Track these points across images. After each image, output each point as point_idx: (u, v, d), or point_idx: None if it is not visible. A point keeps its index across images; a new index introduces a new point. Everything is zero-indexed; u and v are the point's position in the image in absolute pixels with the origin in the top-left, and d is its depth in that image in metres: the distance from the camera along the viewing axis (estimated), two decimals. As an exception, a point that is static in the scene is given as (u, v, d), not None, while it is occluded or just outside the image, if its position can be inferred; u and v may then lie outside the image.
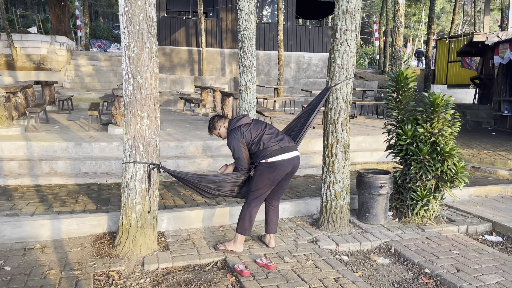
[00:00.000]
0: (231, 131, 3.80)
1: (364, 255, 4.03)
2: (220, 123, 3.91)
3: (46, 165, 5.87)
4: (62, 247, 3.87)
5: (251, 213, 3.83)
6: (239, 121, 3.83)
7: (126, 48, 3.48)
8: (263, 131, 3.80)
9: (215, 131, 3.94)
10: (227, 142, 3.81)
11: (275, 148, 3.73)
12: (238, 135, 3.75)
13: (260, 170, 3.73)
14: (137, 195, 3.68)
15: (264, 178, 3.74)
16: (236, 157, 3.78)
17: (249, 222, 3.83)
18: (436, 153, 4.51)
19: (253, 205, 3.83)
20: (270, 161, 3.71)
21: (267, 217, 4.01)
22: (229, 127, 3.86)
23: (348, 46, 4.20)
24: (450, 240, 4.29)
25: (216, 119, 3.93)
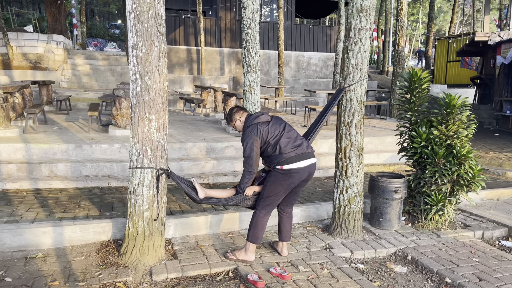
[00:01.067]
0: (248, 127, 3.60)
1: (380, 263, 3.88)
2: (237, 116, 3.73)
3: (46, 168, 5.67)
4: (65, 255, 3.69)
5: (262, 221, 3.66)
6: (257, 118, 3.63)
7: (133, 47, 3.30)
8: (281, 133, 3.60)
9: (231, 123, 3.78)
10: (242, 137, 3.62)
11: (292, 155, 3.54)
12: (254, 132, 3.55)
13: (274, 176, 3.57)
14: (144, 201, 3.51)
15: (277, 185, 3.57)
16: (246, 155, 3.55)
17: (261, 230, 3.67)
18: (452, 156, 4.36)
19: (264, 212, 3.66)
20: (285, 168, 3.53)
21: (281, 224, 3.85)
22: (246, 123, 3.65)
23: (362, 45, 4.04)
24: (468, 247, 4.15)
25: (234, 111, 3.75)
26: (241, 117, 3.73)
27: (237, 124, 3.76)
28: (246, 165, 3.58)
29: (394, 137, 8.07)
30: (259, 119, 3.63)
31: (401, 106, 4.89)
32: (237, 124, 3.75)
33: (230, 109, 3.79)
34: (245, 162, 3.58)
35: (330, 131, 8.22)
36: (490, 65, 15.87)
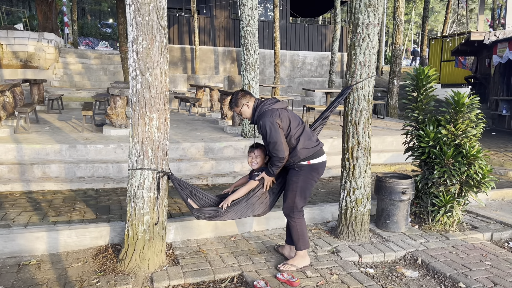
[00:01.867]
0: (267, 111, 3.24)
1: (390, 267, 3.73)
2: (244, 101, 3.35)
3: (38, 169, 5.46)
4: (61, 262, 3.50)
5: (304, 224, 3.48)
6: (275, 103, 3.32)
7: (133, 42, 3.12)
8: (303, 124, 3.35)
9: (236, 108, 3.40)
10: (260, 123, 3.23)
11: (317, 148, 3.34)
12: (276, 115, 3.21)
13: (303, 175, 3.34)
14: (145, 204, 3.33)
15: (306, 183, 3.35)
16: (272, 140, 3.18)
17: (307, 232, 3.52)
18: (461, 156, 4.23)
19: (301, 215, 3.47)
20: (313, 163, 3.32)
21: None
22: (260, 108, 3.30)
23: (370, 41, 3.90)
24: (478, 249, 4.02)
25: (240, 95, 3.36)
26: (249, 102, 3.37)
27: (243, 109, 3.37)
28: (275, 151, 3.21)
29: (394, 136, 7.98)
30: (277, 104, 3.33)
31: (407, 105, 4.76)
32: (244, 110, 3.37)
33: (235, 92, 3.41)
34: (273, 148, 3.21)
35: (330, 131, 8.09)
36: (485, 65, 15.88)
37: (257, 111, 3.33)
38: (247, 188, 3.47)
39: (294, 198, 3.41)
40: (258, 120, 3.29)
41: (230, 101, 3.44)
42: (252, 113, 3.38)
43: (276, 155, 3.23)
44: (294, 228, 3.45)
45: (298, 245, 3.48)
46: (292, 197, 3.41)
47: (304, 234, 3.46)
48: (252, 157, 3.58)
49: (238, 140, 6.87)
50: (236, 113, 3.45)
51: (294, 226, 3.45)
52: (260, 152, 3.57)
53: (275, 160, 3.28)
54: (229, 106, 3.46)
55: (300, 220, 3.45)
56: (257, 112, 3.32)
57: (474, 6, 35.07)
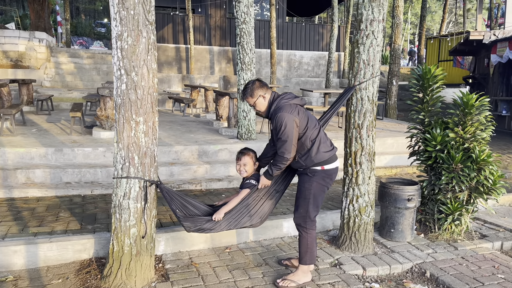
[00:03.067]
0: (286, 105, 2.99)
1: (396, 281, 3.47)
2: (261, 92, 3.06)
3: (22, 175, 5.16)
4: (40, 278, 3.21)
5: (314, 236, 3.22)
6: (294, 98, 3.06)
7: (117, 38, 2.84)
8: (319, 126, 3.10)
9: (250, 99, 3.09)
10: (277, 116, 2.96)
11: (332, 153, 3.12)
12: (295, 113, 2.97)
13: (316, 181, 3.10)
14: (131, 216, 3.05)
15: (320, 190, 3.13)
16: (284, 138, 2.94)
17: (316, 246, 3.26)
18: (470, 161, 3.98)
19: (313, 226, 3.20)
20: (327, 168, 3.09)
21: None
22: (278, 101, 3.04)
23: (375, 38, 3.64)
24: (489, 261, 3.77)
25: (257, 85, 3.08)
26: (266, 93, 3.08)
27: (259, 101, 3.08)
28: (283, 149, 2.97)
29: (395, 138, 7.73)
30: (296, 100, 3.06)
31: (412, 106, 4.51)
32: (259, 101, 3.08)
33: (251, 82, 3.11)
34: (282, 146, 2.96)
35: (328, 133, 7.83)
36: (483, 64, 15.68)
37: (274, 105, 3.05)
38: (240, 198, 3.20)
39: (307, 206, 3.14)
40: (274, 113, 3.00)
41: (245, 90, 3.12)
42: (268, 106, 3.10)
43: (282, 154, 2.99)
44: (304, 240, 3.19)
45: (304, 259, 3.21)
46: (305, 206, 3.15)
47: (313, 248, 3.20)
48: (240, 165, 3.33)
49: (233, 143, 6.60)
50: (249, 104, 3.14)
51: (304, 237, 3.19)
52: (248, 159, 3.31)
53: (279, 160, 3.03)
54: (243, 96, 3.14)
55: (312, 232, 3.18)
56: (274, 106, 3.04)
57: (471, 6, 34.99)
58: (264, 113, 3.14)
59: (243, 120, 6.78)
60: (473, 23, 34.97)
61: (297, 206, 3.20)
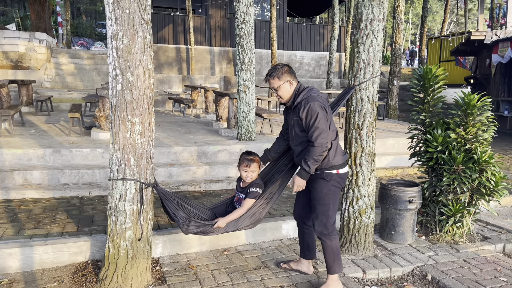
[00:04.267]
0: (318, 97, 2.89)
1: (397, 284, 3.42)
2: (289, 77, 2.94)
3: (20, 176, 5.11)
4: (35, 281, 3.17)
5: (338, 243, 3.10)
6: (320, 93, 3.00)
7: (113, 38, 2.80)
8: (336, 128, 3.02)
9: (276, 82, 2.93)
10: (309, 105, 2.82)
11: (346, 157, 3.07)
12: (325, 104, 2.90)
13: (333, 185, 3.00)
14: (127, 218, 3.00)
15: (337, 194, 3.05)
16: (321, 126, 2.79)
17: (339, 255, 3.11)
18: (472, 162, 3.92)
19: (335, 232, 3.08)
20: (341, 172, 3.01)
21: (308, 240, 3.34)
22: (307, 91, 2.94)
23: (375, 38, 3.59)
24: (491, 263, 3.72)
25: (286, 69, 2.95)
26: (293, 81, 2.97)
27: (284, 86, 2.94)
28: (321, 139, 2.80)
29: (396, 138, 7.67)
30: (322, 95, 2.97)
31: (413, 107, 4.45)
32: (285, 86, 2.94)
33: (280, 64, 2.97)
34: (319, 135, 2.80)
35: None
36: (485, 65, 15.61)
37: (302, 94, 2.92)
38: (245, 209, 3.13)
39: (328, 212, 3.01)
40: (305, 102, 2.86)
41: (273, 71, 2.96)
42: (293, 95, 2.97)
43: (320, 144, 2.80)
44: (330, 248, 3.02)
45: (333, 268, 3.04)
46: (325, 212, 3.01)
47: (339, 254, 3.07)
48: (247, 172, 3.20)
49: (233, 144, 6.55)
50: (273, 86, 2.98)
51: (329, 245, 3.02)
52: (257, 165, 3.23)
53: (316, 152, 2.82)
54: (268, 76, 2.97)
55: (335, 238, 3.04)
56: (303, 95, 2.91)
57: (472, 6, 34.90)
58: (286, 101, 3.01)
59: (242, 120, 6.73)
60: (474, 23, 34.88)
61: (317, 214, 3.03)
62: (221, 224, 3.05)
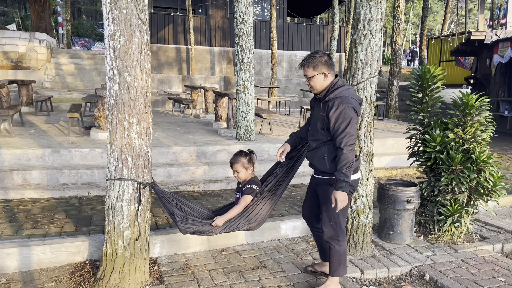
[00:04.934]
0: (353, 100, 2.74)
1: (395, 284, 3.42)
2: (325, 69, 2.78)
3: (19, 176, 5.12)
4: (33, 281, 3.17)
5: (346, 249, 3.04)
6: (357, 98, 2.87)
7: (110, 38, 2.80)
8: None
9: (311, 71, 2.78)
10: (343, 106, 2.69)
11: (358, 163, 2.93)
12: (358, 109, 2.79)
13: None
14: (124, 218, 3.00)
15: (348, 200, 2.89)
16: (351, 135, 2.69)
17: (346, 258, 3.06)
18: (470, 162, 3.92)
19: (345, 237, 3.04)
20: (353, 179, 2.85)
21: (322, 243, 3.27)
22: (342, 89, 2.77)
23: (372, 38, 3.59)
24: (490, 263, 3.71)
25: (325, 60, 2.78)
26: (330, 73, 2.80)
27: (318, 77, 2.78)
28: (349, 145, 2.69)
29: (395, 139, 7.67)
30: (357, 98, 2.85)
31: (411, 106, 4.45)
32: (318, 78, 2.79)
33: (318, 53, 2.80)
34: (349, 141, 2.68)
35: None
36: (485, 65, 15.60)
37: (337, 91, 2.77)
38: (242, 206, 3.13)
39: (338, 218, 2.93)
40: (338, 102, 2.71)
41: (310, 59, 2.80)
42: (327, 88, 2.81)
43: (349, 150, 2.68)
44: (337, 253, 2.97)
45: (337, 271, 3.01)
46: (335, 218, 2.93)
47: (345, 259, 3.03)
48: (233, 172, 3.29)
49: (232, 144, 6.55)
50: (306, 74, 2.83)
51: (338, 250, 2.97)
52: (239, 166, 3.25)
53: (350, 156, 2.68)
54: (304, 63, 2.82)
55: (344, 243, 2.99)
56: (338, 92, 2.76)
57: (472, 6, 34.88)
58: (317, 92, 2.87)
59: (242, 120, 6.74)
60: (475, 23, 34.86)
61: (326, 219, 2.96)
62: (219, 222, 3.05)
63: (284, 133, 7.90)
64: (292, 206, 4.82)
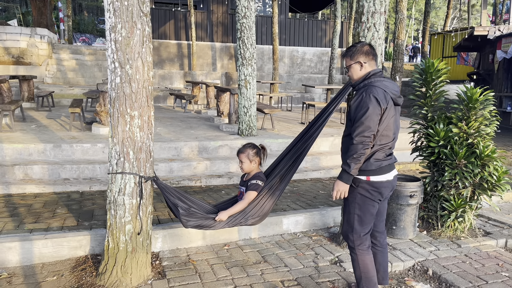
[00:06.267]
0: (380, 88, 2.53)
1: (398, 279, 3.40)
2: (362, 58, 2.66)
3: (20, 171, 5.11)
4: (35, 275, 3.16)
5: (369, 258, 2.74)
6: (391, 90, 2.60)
7: (111, 30, 2.77)
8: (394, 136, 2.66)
9: (348, 60, 2.71)
10: (363, 94, 2.54)
11: (385, 163, 2.62)
12: (382, 100, 2.51)
13: (361, 194, 2.66)
14: (126, 212, 2.99)
15: (368, 204, 2.67)
16: (366, 126, 2.48)
17: (373, 269, 2.75)
18: (474, 156, 3.89)
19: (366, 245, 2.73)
20: (373, 180, 2.61)
21: (375, 262, 2.88)
22: (374, 77, 2.62)
23: (376, 31, 3.56)
24: (493, 258, 3.69)
25: (363, 49, 2.68)
26: (367, 62, 2.67)
27: (354, 67, 2.68)
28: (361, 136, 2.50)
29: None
30: (389, 86, 2.60)
31: (415, 101, 4.41)
32: (354, 67, 2.68)
33: (360, 43, 2.73)
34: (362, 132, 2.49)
35: (330, 129, 7.75)
36: (488, 61, 15.53)
37: (368, 80, 2.62)
38: (247, 201, 3.10)
39: (353, 223, 2.72)
40: (362, 91, 2.57)
41: (347, 49, 2.73)
42: (362, 78, 2.67)
43: (360, 141, 2.50)
44: (356, 263, 2.75)
45: (361, 285, 2.75)
46: (349, 220, 2.74)
47: (368, 273, 2.71)
48: (239, 163, 3.27)
49: (234, 139, 6.53)
50: (345, 65, 2.76)
51: (355, 260, 2.74)
52: (243, 156, 3.20)
53: (357, 149, 2.51)
54: (344, 53, 2.75)
55: (363, 253, 2.71)
56: (368, 81, 2.61)
57: (475, 2, 34.71)
58: (354, 82, 2.76)
59: (243, 116, 6.71)
60: (477, 19, 34.72)
61: (344, 221, 2.82)
62: (223, 217, 3.02)
63: (286, 129, 7.87)
64: (294, 201, 4.80)
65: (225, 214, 3.05)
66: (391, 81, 2.65)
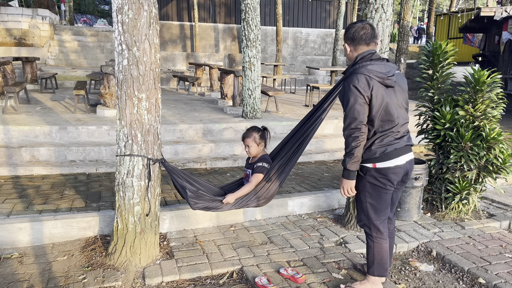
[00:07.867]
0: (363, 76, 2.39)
1: (402, 259, 3.45)
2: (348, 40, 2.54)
3: (27, 153, 5.15)
4: (45, 255, 3.22)
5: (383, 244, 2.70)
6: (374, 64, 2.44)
7: (118, 12, 2.75)
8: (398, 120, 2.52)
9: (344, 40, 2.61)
10: (345, 86, 2.46)
11: (392, 148, 2.49)
12: (363, 87, 2.37)
13: (369, 182, 2.59)
14: (135, 194, 3.02)
15: (379, 192, 2.59)
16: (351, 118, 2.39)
17: (386, 254, 2.72)
18: (480, 139, 3.90)
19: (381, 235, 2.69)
20: (380, 167, 2.52)
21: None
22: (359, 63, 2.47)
23: (384, 12, 3.52)
24: (497, 240, 3.73)
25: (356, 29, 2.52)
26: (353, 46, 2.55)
27: (345, 49, 2.57)
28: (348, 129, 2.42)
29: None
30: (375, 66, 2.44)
31: (421, 83, 4.39)
32: (346, 49, 2.58)
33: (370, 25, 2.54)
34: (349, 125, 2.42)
35: (334, 111, 7.73)
36: (494, 42, 15.36)
37: (356, 65, 2.48)
38: (254, 184, 3.13)
39: (367, 212, 2.68)
40: (345, 80, 2.48)
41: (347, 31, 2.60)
42: (353, 62, 2.55)
43: (348, 134, 2.43)
44: (371, 249, 2.73)
45: (372, 269, 2.74)
46: (363, 209, 2.70)
47: (382, 259, 2.70)
48: (244, 146, 3.29)
49: (238, 122, 6.53)
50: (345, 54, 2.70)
51: (371, 246, 2.73)
52: (250, 141, 3.23)
53: (348, 143, 2.45)
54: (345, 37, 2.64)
55: (380, 241, 2.68)
56: (356, 67, 2.47)
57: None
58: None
59: (248, 98, 6.70)
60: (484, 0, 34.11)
61: (357, 210, 2.78)
62: (230, 199, 3.06)
63: (290, 111, 7.86)
64: (299, 184, 4.84)
65: (232, 196, 3.08)
66: (379, 62, 2.47)
